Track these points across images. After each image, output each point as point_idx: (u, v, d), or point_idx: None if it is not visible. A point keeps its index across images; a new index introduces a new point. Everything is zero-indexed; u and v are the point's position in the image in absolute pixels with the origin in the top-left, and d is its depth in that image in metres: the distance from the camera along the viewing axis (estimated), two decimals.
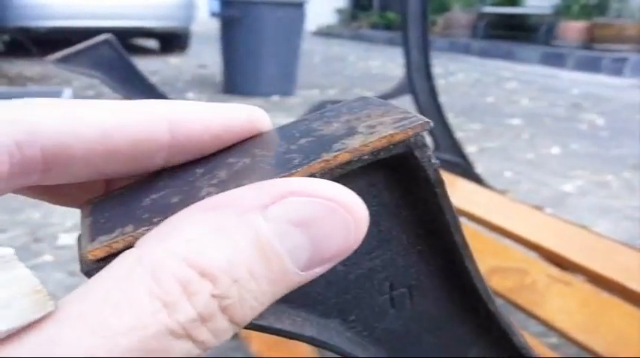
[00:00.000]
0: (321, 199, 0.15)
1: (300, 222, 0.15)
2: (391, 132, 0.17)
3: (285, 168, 0.16)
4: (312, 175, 0.16)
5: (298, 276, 0.15)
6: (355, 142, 0.17)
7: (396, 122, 0.17)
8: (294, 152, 0.17)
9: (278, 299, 0.18)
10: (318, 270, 0.15)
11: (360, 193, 0.18)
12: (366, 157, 0.17)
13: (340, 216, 0.15)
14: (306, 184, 0.15)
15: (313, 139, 0.18)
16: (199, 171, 0.18)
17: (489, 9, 8.14)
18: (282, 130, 0.19)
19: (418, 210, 0.19)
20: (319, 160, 0.16)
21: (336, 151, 0.16)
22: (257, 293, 0.14)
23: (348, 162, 0.17)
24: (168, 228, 0.15)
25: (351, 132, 0.17)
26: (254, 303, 0.14)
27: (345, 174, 0.17)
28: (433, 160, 0.17)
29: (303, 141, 0.18)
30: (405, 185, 0.18)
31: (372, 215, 0.18)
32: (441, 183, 0.18)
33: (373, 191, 0.18)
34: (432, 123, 0.18)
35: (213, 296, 0.14)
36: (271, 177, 0.16)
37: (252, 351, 0.91)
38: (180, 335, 0.13)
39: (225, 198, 0.15)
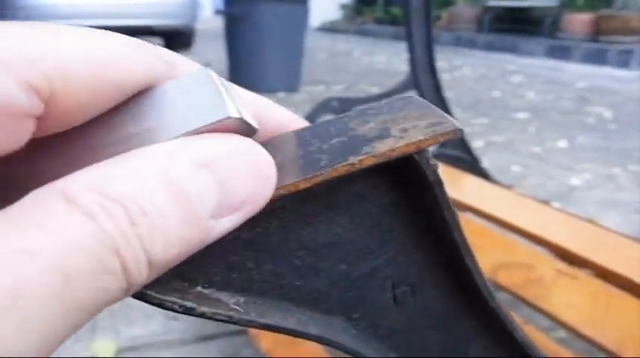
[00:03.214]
0: (223, 140, 0.15)
1: (205, 162, 0.15)
2: (420, 138, 0.17)
3: (312, 167, 0.17)
4: (337, 178, 0.17)
5: (209, 223, 0.15)
6: (384, 147, 0.17)
7: (429, 127, 0.17)
8: (324, 152, 0.17)
9: (282, 298, 0.18)
10: (229, 221, 0.15)
11: (361, 195, 0.18)
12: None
13: (246, 159, 0.15)
14: (213, 133, 0.15)
15: (345, 140, 0.18)
16: None
17: (494, 2, 8.10)
18: (321, 126, 0.19)
19: (418, 210, 0.19)
20: (345, 163, 0.17)
21: (363, 155, 0.17)
22: (167, 231, 0.14)
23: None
24: (76, 173, 0.14)
25: (383, 134, 0.17)
26: (165, 241, 0.14)
27: (347, 177, 0.17)
28: (431, 162, 0.18)
29: (335, 140, 0.18)
30: (404, 186, 0.19)
31: (373, 216, 0.19)
32: (440, 183, 0.18)
33: (375, 193, 0.18)
34: (464, 130, 0.18)
35: (128, 220, 0.13)
36: (298, 177, 0.16)
37: (261, 349, 0.91)
38: (110, 247, 0.13)
39: (137, 151, 0.15)
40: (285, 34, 3.95)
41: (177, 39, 6.34)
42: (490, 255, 0.88)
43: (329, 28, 10.71)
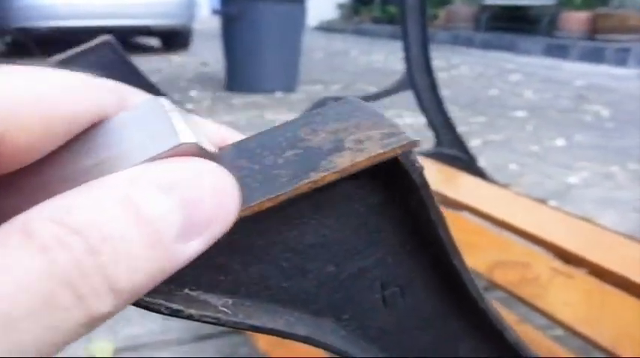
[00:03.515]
0: (183, 163, 0.15)
1: (167, 186, 0.15)
2: (379, 151, 0.17)
3: (273, 186, 0.17)
4: (301, 195, 0.17)
5: (176, 246, 0.15)
6: (344, 161, 0.17)
7: (384, 138, 0.17)
8: (282, 167, 0.17)
9: (270, 300, 0.18)
10: (197, 243, 0.15)
11: (347, 196, 0.18)
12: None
13: (208, 180, 0.15)
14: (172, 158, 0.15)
15: (300, 152, 0.18)
16: None
17: (491, 1, 8.09)
18: (268, 135, 0.19)
19: (405, 211, 0.19)
20: (307, 181, 0.17)
21: (324, 171, 0.17)
22: (130, 257, 0.14)
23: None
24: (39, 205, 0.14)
25: (338, 147, 0.17)
26: (130, 267, 0.14)
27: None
28: (417, 164, 0.18)
29: (289, 153, 0.18)
30: (391, 187, 0.19)
31: (360, 217, 0.19)
32: (426, 185, 0.18)
33: (360, 193, 0.18)
34: (419, 142, 0.18)
35: (86, 250, 0.13)
36: (260, 197, 0.16)
37: (259, 348, 0.91)
38: (60, 280, 0.13)
39: (98, 180, 0.15)
40: (283, 34, 3.94)
41: (174, 39, 6.33)
42: (486, 253, 0.88)
43: (326, 28, 10.71)
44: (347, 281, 0.19)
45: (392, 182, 0.18)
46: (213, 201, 0.15)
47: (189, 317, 0.17)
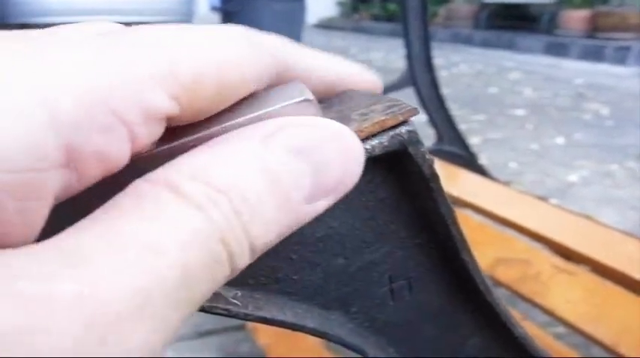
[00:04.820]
0: (317, 127, 0.16)
1: (299, 150, 0.15)
2: (383, 118, 0.17)
3: None
4: None
5: (303, 207, 0.15)
6: (350, 129, 0.17)
7: (387, 109, 0.18)
8: None
9: (279, 292, 0.18)
10: (323, 203, 0.16)
11: (357, 189, 0.18)
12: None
13: (337, 144, 0.16)
14: (303, 117, 0.16)
15: None
16: None
17: None
18: None
19: (415, 204, 0.19)
20: None
21: None
22: (265, 217, 0.14)
23: None
24: (176, 162, 0.15)
25: (345, 120, 0.18)
26: (265, 227, 0.14)
27: None
28: (427, 156, 0.18)
29: None
30: (401, 180, 0.19)
31: (370, 209, 0.19)
32: (436, 177, 0.18)
33: (370, 186, 0.18)
34: (418, 110, 0.18)
35: (231, 210, 0.14)
36: None
37: (260, 344, 0.91)
38: (217, 238, 0.13)
39: (230, 135, 0.15)
40: (282, 32, 3.85)
41: None
42: (488, 251, 0.88)
43: (326, 25, 10.70)
44: (356, 274, 0.19)
45: (402, 175, 0.18)
46: (342, 164, 0.16)
47: (200, 309, 0.17)
